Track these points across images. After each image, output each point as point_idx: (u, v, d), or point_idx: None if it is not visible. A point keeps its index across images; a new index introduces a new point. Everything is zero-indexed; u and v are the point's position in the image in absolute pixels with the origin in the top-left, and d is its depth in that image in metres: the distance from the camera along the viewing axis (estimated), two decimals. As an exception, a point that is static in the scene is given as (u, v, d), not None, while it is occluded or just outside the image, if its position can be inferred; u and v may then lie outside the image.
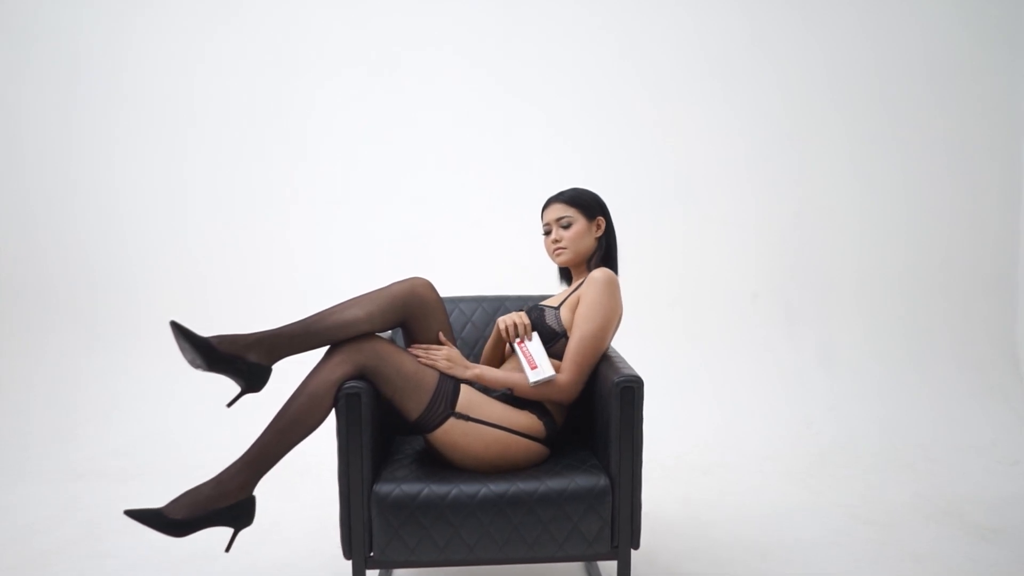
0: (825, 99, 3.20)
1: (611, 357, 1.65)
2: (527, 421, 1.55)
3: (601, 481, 1.46)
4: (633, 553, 1.51)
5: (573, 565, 1.89)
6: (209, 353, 1.40)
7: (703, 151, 3.19)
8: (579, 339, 1.58)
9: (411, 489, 1.42)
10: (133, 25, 3.08)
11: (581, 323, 1.59)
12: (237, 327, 1.76)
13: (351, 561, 1.44)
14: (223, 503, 1.42)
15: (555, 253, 1.75)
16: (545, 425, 1.57)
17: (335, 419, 1.46)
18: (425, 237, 3.14)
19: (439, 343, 1.60)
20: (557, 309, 1.66)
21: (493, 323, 1.94)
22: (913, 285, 3.25)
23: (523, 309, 1.70)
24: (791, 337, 3.21)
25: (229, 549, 1.50)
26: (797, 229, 3.24)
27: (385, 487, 1.43)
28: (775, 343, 3.20)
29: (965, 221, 3.26)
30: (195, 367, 1.41)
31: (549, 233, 1.75)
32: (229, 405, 1.49)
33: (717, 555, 1.95)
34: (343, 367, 1.46)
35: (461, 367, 1.57)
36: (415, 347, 1.58)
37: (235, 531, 1.46)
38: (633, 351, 2.09)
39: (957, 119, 3.23)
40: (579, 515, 1.43)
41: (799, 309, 3.24)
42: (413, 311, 1.57)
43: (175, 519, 1.39)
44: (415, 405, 1.49)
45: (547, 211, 1.76)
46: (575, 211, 1.72)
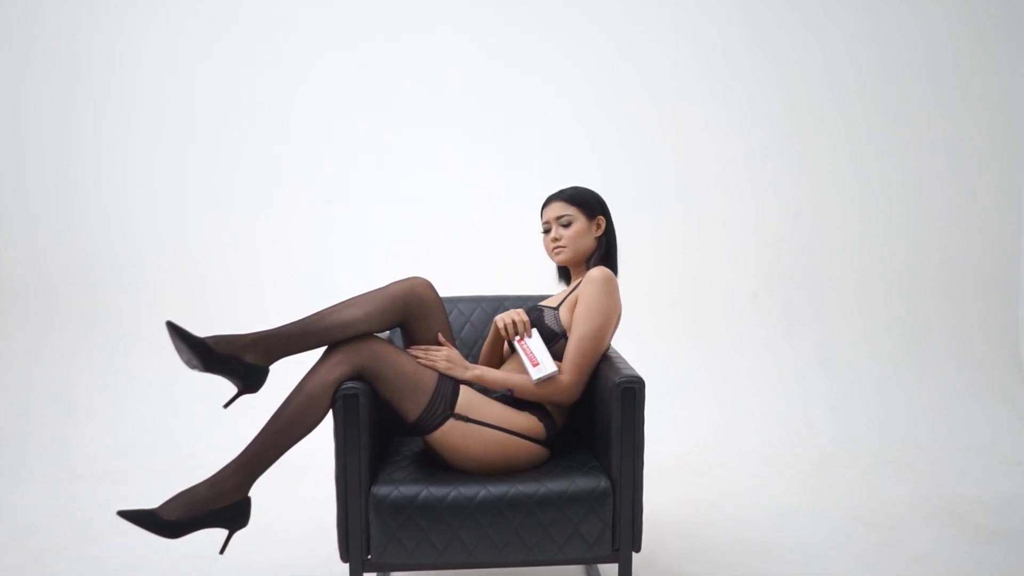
0: (825, 99, 3.17)
1: (611, 357, 1.63)
2: (527, 422, 1.52)
3: (602, 483, 1.43)
4: (633, 555, 1.49)
5: (573, 568, 1.87)
6: (205, 354, 1.37)
7: (703, 151, 3.17)
8: (578, 339, 1.55)
9: (409, 491, 1.40)
10: (133, 25, 3.05)
11: (580, 323, 1.56)
12: (237, 327, 1.73)
13: (348, 564, 1.41)
14: (218, 504, 1.39)
15: (554, 252, 1.72)
16: (545, 426, 1.55)
17: (332, 420, 1.43)
18: (425, 237, 3.11)
19: (438, 344, 1.58)
20: (556, 309, 1.63)
21: (491, 323, 1.91)
22: (913, 285, 3.22)
23: (521, 309, 1.67)
24: (791, 337, 3.19)
25: (223, 551, 1.47)
26: (797, 229, 3.21)
27: (383, 489, 1.40)
28: (775, 343, 3.17)
29: (965, 221, 3.23)
30: (191, 368, 1.39)
31: (548, 231, 1.72)
32: (226, 406, 1.47)
33: (717, 556, 1.93)
34: (341, 368, 1.44)
35: (461, 368, 1.54)
36: (414, 348, 1.56)
37: (230, 533, 1.44)
38: (633, 351, 2.07)
39: (957, 119, 3.20)
40: (579, 517, 1.41)
41: (799, 309, 3.21)
42: (412, 311, 1.54)
43: (169, 520, 1.36)
44: (414, 406, 1.46)
45: (547, 209, 1.73)
46: (575, 210, 1.69)
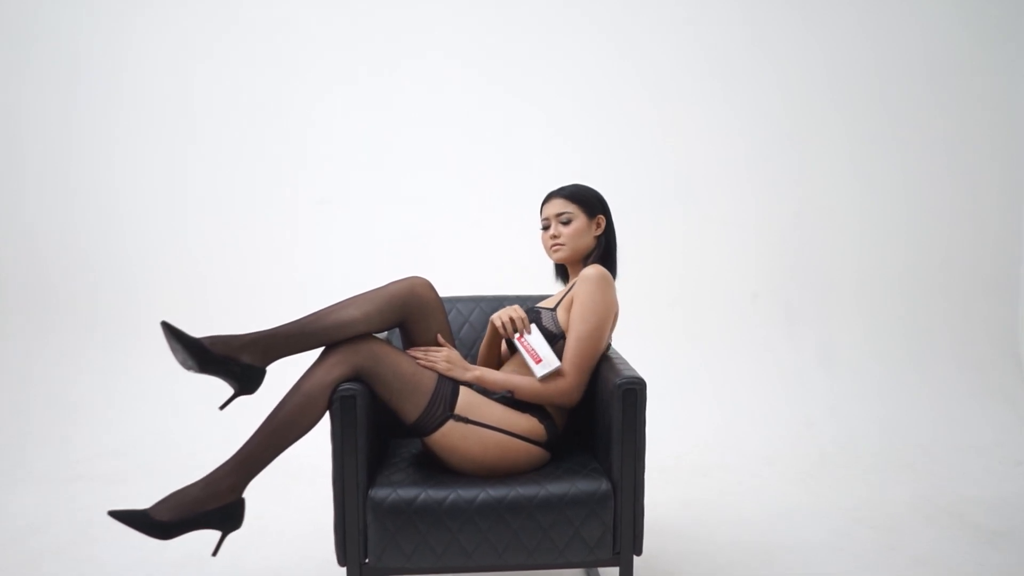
0: (825, 99, 3.14)
1: (612, 358, 1.60)
2: (528, 424, 1.49)
3: (603, 485, 1.40)
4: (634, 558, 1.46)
5: (574, 572, 1.83)
6: (201, 354, 1.34)
7: (703, 151, 3.14)
8: (576, 340, 1.52)
9: (407, 494, 1.37)
10: (133, 25, 3.02)
11: (576, 323, 1.52)
12: (237, 327, 1.69)
13: (345, 568, 1.38)
14: (211, 505, 1.35)
15: (552, 249, 1.68)
16: (546, 428, 1.51)
17: (329, 422, 1.40)
18: (425, 237, 3.07)
19: (438, 344, 1.55)
20: (553, 311, 1.60)
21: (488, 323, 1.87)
22: (913, 285, 3.19)
23: (517, 305, 1.63)
24: (791, 337, 3.16)
25: (216, 553, 1.43)
26: (797, 229, 3.18)
27: (381, 492, 1.37)
28: (775, 343, 3.14)
29: (965, 221, 3.20)
30: (186, 369, 1.35)
31: (547, 228, 1.68)
32: (222, 408, 1.43)
33: (718, 558, 1.90)
34: (339, 368, 1.41)
35: (461, 369, 1.51)
36: (414, 349, 1.52)
37: (223, 535, 1.40)
38: (633, 351, 2.03)
39: (957, 119, 3.17)
40: (580, 520, 1.38)
41: (799, 309, 3.18)
42: (412, 311, 1.51)
43: (161, 521, 1.32)
44: (412, 407, 1.43)
45: (547, 205, 1.69)
46: (576, 207, 1.66)
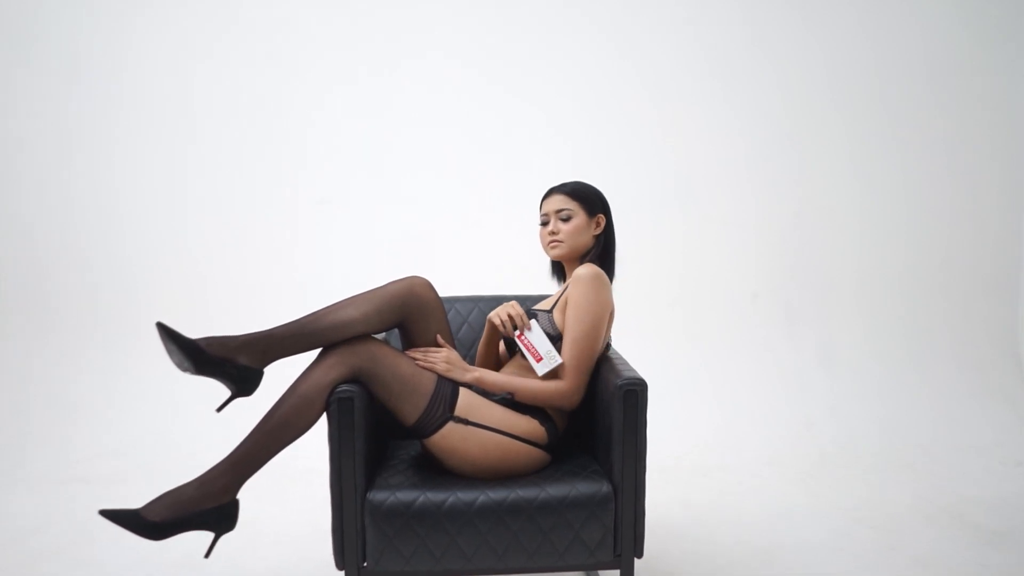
0: (825, 99, 3.11)
1: (612, 359, 1.57)
2: (528, 426, 1.46)
3: (603, 487, 1.38)
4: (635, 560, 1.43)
5: (574, 574, 1.80)
6: (197, 356, 1.31)
7: (703, 151, 3.11)
8: (572, 342, 1.48)
9: (406, 496, 1.34)
10: (133, 25, 2.99)
11: (572, 325, 1.49)
12: (237, 327, 1.65)
13: (343, 572, 1.36)
14: (205, 506, 1.32)
15: (550, 245, 1.64)
16: (547, 430, 1.49)
17: (327, 424, 1.37)
18: (424, 237, 3.05)
19: (437, 345, 1.52)
20: (550, 312, 1.57)
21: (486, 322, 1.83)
22: (913, 285, 3.16)
23: (515, 301, 1.60)
24: (791, 337, 3.13)
25: (209, 555, 1.39)
26: (797, 229, 3.15)
27: (379, 495, 1.34)
28: (775, 343, 3.11)
29: (965, 221, 3.18)
30: (182, 370, 1.33)
31: (546, 224, 1.64)
32: (219, 410, 1.40)
33: (718, 559, 1.87)
34: (337, 369, 1.38)
35: (460, 370, 1.48)
36: (413, 351, 1.49)
37: (216, 536, 1.36)
38: (633, 351, 2.00)
39: (957, 119, 3.15)
40: (581, 523, 1.35)
41: (799, 309, 3.15)
42: (411, 312, 1.48)
43: (153, 521, 1.29)
44: (412, 409, 1.40)
45: (547, 201, 1.66)
46: (576, 204, 1.62)
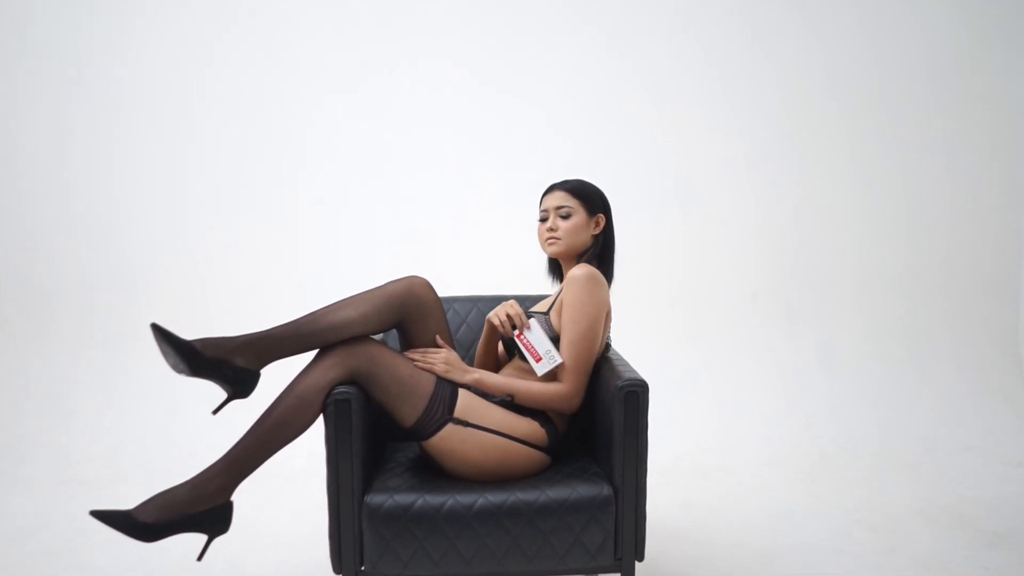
0: (825, 99, 3.08)
1: (612, 359, 1.54)
2: (528, 428, 1.44)
3: (604, 490, 1.35)
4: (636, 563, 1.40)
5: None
6: (193, 357, 1.28)
7: (703, 151, 3.08)
8: (569, 344, 1.45)
9: (404, 499, 1.31)
10: (133, 25, 2.96)
11: (568, 328, 1.46)
12: (237, 327, 1.62)
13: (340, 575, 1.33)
14: (198, 508, 1.28)
15: (547, 242, 1.60)
16: (547, 432, 1.46)
17: (323, 426, 1.34)
18: (424, 237, 3.02)
19: (436, 346, 1.49)
20: (546, 314, 1.54)
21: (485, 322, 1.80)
22: (913, 285, 3.13)
23: (513, 300, 1.57)
24: (791, 337, 3.10)
25: (201, 558, 1.35)
26: (797, 229, 3.12)
27: (377, 498, 1.32)
28: (775, 343, 3.08)
29: (965, 221, 3.15)
30: (177, 372, 1.30)
31: (545, 220, 1.61)
32: (215, 412, 1.37)
33: (719, 562, 1.84)
34: (334, 370, 1.35)
35: (459, 371, 1.45)
36: (411, 352, 1.47)
37: (209, 539, 1.33)
38: (633, 351, 1.98)
39: (957, 119, 3.12)
40: (581, 526, 1.32)
41: (799, 309, 3.12)
42: (410, 312, 1.45)
43: (145, 523, 1.25)
44: (410, 411, 1.37)
45: (548, 197, 1.62)
46: (577, 202, 1.58)
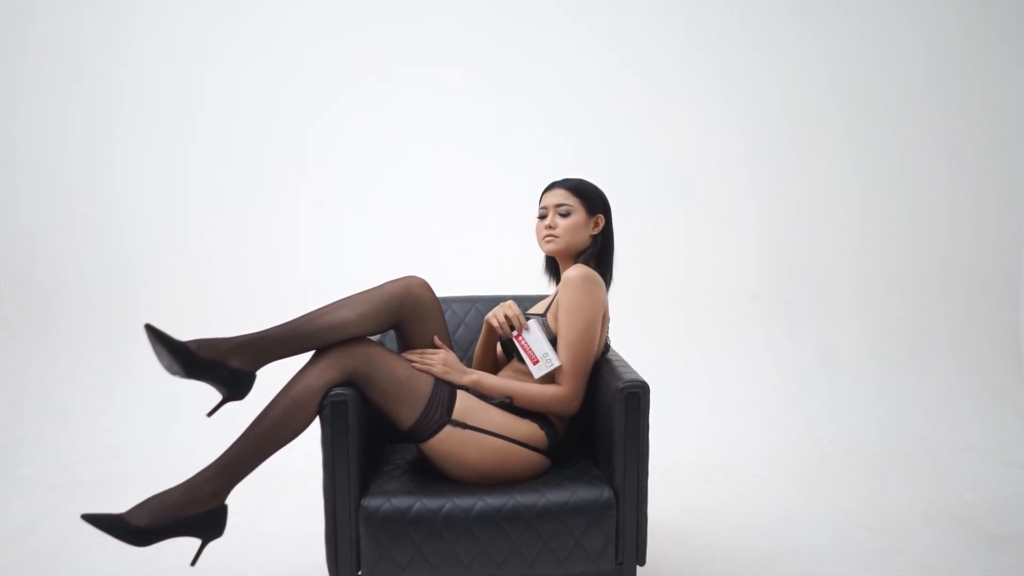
0: (825, 99, 3.05)
1: (612, 360, 1.51)
2: (528, 430, 1.40)
3: (605, 493, 1.32)
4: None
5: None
6: (187, 359, 1.25)
7: (703, 151, 3.05)
8: (566, 346, 1.42)
9: (402, 503, 1.28)
10: (133, 25, 2.93)
11: (564, 330, 1.43)
12: (236, 327, 1.58)
13: (338, 580, 1.30)
14: (192, 511, 1.25)
15: (545, 239, 1.57)
16: (547, 435, 1.43)
17: (320, 428, 1.31)
18: (422, 237, 2.98)
19: (434, 346, 1.46)
20: (543, 316, 1.51)
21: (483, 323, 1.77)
22: (913, 285, 3.10)
23: (512, 301, 1.54)
24: (791, 337, 3.06)
25: (195, 562, 1.32)
26: (797, 229, 3.09)
27: (374, 501, 1.28)
28: (775, 343, 3.05)
29: (965, 221, 3.12)
30: (172, 374, 1.26)
31: (544, 217, 1.57)
32: (209, 415, 1.33)
33: (720, 565, 1.81)
34: (331, 372, 1.32)
35: (458, 372, 1.42)
36: (409, 353, 1.43)
37: (203, 543, 1.29)
38: (633, 351, 1.95)
39: (957, 119, 3.09)
40: (581, 530, 1.29)
41: (799, 309, 3.09)
42: (408, 312, 1.42)
43: (137, 526, 1.22)
44: (408, 413, 1.34)
45: (548, 194, 1.59)
46: (577, 201, 1.55)
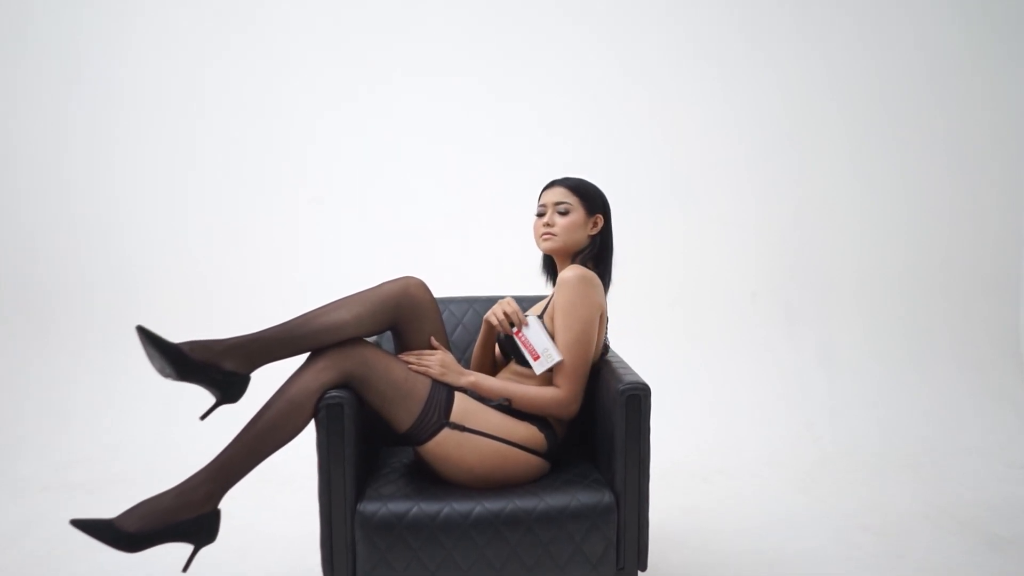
0: (825, 99, 3.02)
1: (612, 362, 1.48)
2: (527, 432, 1.37)
3: (605, 497, 1.28)
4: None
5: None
6: (180, 361, 1.21)
7: (703, 151, 3.01)
8: (564, 348, 1.39)
9: (399, 508, 1.24)
10: (133, 25, 2.89)
11: (561, 332, 1.39)
12: (235, 327, 1.54)
13: (333, 586, 1.26)
14: (184, 516, 1.21)
15: (543, 237, 1.53)
16: (546, 437, 1.39)
17: (315, 431, 1.27)
18: (421, 237, 2.95)
19: (431, 348, 1.42)
20: (540, 318, 1.48)
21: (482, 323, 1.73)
22: (913, 285, 3.07)
23: (510, 298, 1.50)
24: (791, 337, 3.03)
25: (187, 568, 1.28)
26: (797, 229, 3.05)
27: (370, 506, 1.25)
28: (775, 343, 3.02)
29: (965, 221, 3.08)
30: (164, 376, 1.23)
31: (542, 215, 1.54)
32: (203, 418, 1.30)
33: (722, 568, 1.77)
34: (327, 374, 1.28)
35: (455, 374, 1.39)
36: (406, 354, 1.40)
37: (195, 548, 1.25)
38: (633, 351, 1.91)
39: (957, 119, 3.05)
40: (582, 535, 1.26)
41: (799, 309, 3.05)
42: (405, 313, 1.39)
43: (128, 532, 1.18)
44: (405, 415, 1.31)
45: (547, 192, 1.56)
46: (576, 200, 1.52)
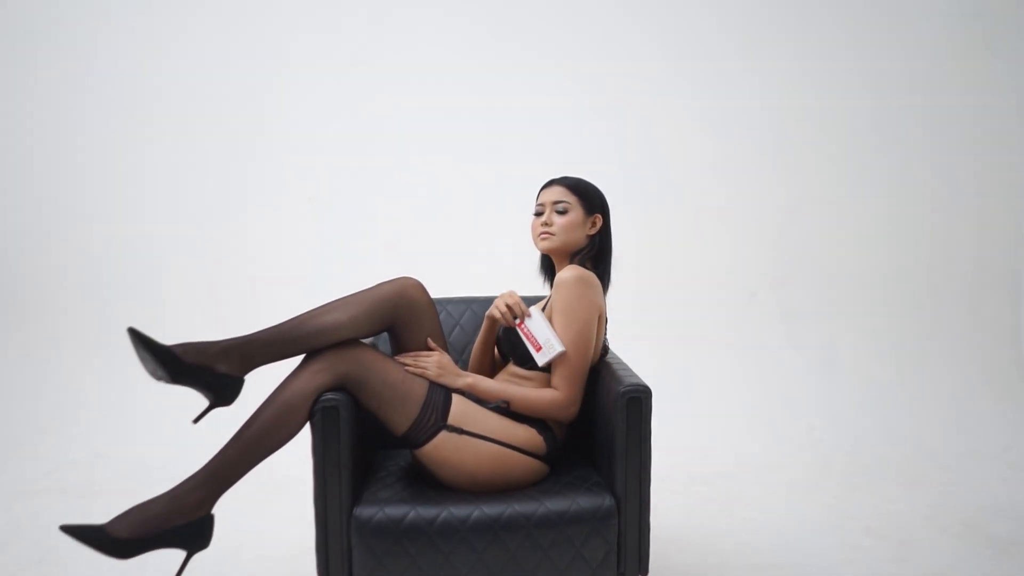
0: (825, 99, 2.99)
1: (612, 363, 1.45)
2: (526, 435, 1.34)
3: (606, 501, 1.25)
4: None
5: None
6: (173, 364, 1.18)
7: (701, 151, 2.99)
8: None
9: (395, 512, 1.21)
10: (130, 26, 2.88)
11: (559, 333, 1.36)
12: (236, 327, 1.51)
13: (329, 593, 1.23)
14: (176, 521, 1.18)
15: (540, 236, 1.50)
16: (545, 440, 1.36)
17: (311, 434, 1.24)
18: (418, 237, 2.92)
19: (428, 349, 1.39)
20: None
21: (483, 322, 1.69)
22: (913, 285, 3.04)
23: (512, 291, 1.49)
24: (791, 339, 3.00)
25: (180, 574, 1.24)
26: (796, 229, 3.03)
27: (366, 510, 1.22)
28: (775, 344, 2.98)
29: (965, 221, 3.05)
30: (156, 379, 1.20)
31: (540, 214, 1.52)
32: (196, 421, 1.27)
33: (724, 573, 1.73)
34: (322, 376, 1.25)
35: (453, 375, 1.36)
36: (403, 356, 1.37)
37: (188, 555, 1.22)
38: (632, 352, 1.87)
39: (957, 119, 3.03)
40: (582, 539, 1.23)
41: (799, 310, 3.02)
42: (402, 314, 1.36)
43: (118, 538, 1.15)
44: (402, 418, 1.28)
45: (546, 191, 1.54)
46: (575, 199, 1.49)
